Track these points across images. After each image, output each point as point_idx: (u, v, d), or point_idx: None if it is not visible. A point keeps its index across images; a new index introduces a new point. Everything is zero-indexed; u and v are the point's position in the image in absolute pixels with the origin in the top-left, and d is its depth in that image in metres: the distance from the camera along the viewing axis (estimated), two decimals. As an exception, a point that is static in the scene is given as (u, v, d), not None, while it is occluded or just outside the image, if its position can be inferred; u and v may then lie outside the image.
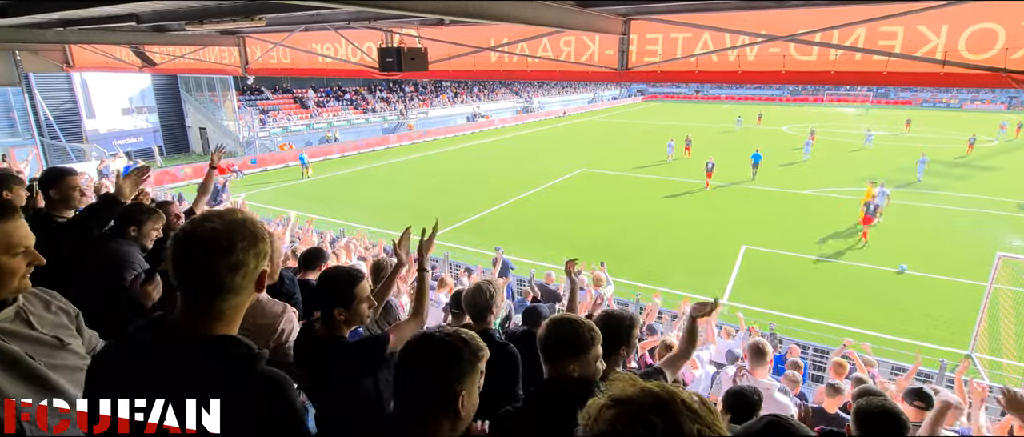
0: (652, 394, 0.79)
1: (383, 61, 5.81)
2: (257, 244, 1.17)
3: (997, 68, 3.89)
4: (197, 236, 1.13)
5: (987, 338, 9.44)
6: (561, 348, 1.76)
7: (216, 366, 1.12)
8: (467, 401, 1.32)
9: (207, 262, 1.13)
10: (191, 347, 1.13)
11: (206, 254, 1.13)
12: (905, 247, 14.08)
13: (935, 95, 58.82)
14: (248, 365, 1.15)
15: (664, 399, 0.78)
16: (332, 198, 20.87)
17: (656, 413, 0.76)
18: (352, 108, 38.03)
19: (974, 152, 29.17)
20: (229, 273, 1.14)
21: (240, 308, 1.20)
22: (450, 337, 1.33)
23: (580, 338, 1.75)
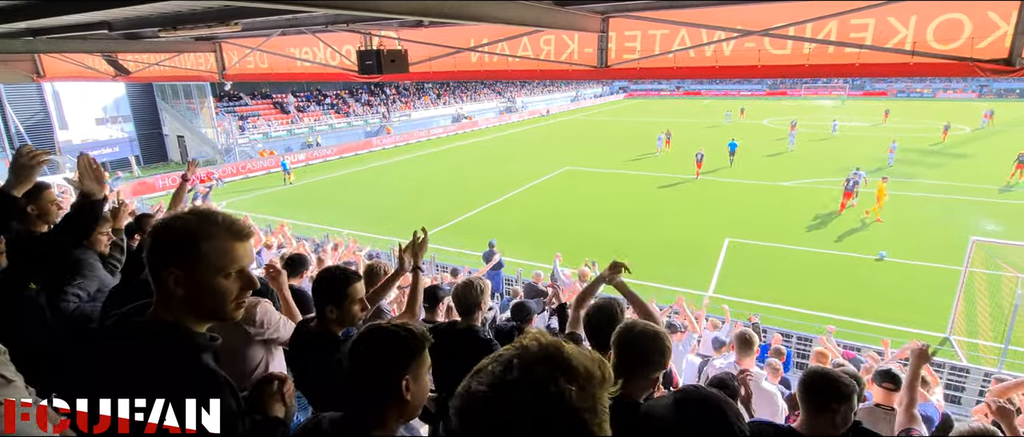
0: (535, 343, 0.81)
1: (363, 64, 5.78)
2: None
3: (964, 57, 4.00)
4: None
5: (964, 320, 9.69)
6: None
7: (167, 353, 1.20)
8: (413, 386, 1.36)
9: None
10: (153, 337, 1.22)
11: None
12: (884, 234, 14.39)
13: (909, 85, 60.18)
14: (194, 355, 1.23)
15: (537, 348, 0.79)
16: (315, 203, 20.66)
17: (520, 357, 0.78)
18: (333, 112, 37.67)
19: (949, 139, 30.02)
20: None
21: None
22: (395, 328, 1.40)
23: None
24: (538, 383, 0.75)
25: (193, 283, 1.21)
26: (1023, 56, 3.77)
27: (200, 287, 1.22)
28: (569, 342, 0.83)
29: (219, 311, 1.27)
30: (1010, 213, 16.44)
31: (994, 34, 3.89)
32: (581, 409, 0.75)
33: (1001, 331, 8.41)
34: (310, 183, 24.69)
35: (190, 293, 1.21)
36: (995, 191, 18.96)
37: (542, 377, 0.75)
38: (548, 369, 0.76)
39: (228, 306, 1.27)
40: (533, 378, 0.75)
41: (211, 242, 1.22)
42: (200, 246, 1.20)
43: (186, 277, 1.20)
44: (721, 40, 4.88)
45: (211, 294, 1.24)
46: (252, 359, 2.47)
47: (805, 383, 2.03)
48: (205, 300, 1.24)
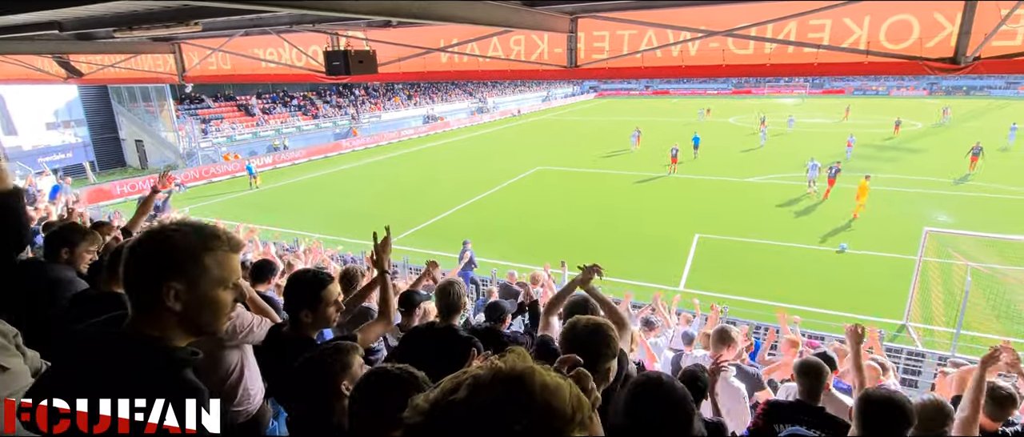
0: (512, 367, 0.73)
1: (330, 65, 5.67)
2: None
3: (914, 56, 4.19)
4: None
5: (920, 308, 10.15)
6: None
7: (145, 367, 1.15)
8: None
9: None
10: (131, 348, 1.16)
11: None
12: (844, 227, 14.96)
13: (865, 83, 62.72)
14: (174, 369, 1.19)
15: (513, 372, 0.72)
16: (283, 208, 20.19)
17: (496, 379, 0.71)
18: (301, 114, 36.87)
19: (901, 134, 31.54)
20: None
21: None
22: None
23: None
24: (506, 411, 0.68)
25: (194, 297, 1.17)
26: (967, 55, 3.97)
27: (200, 301, 1.18)
28: (538, 357, 0.79)
29: (213, 324, 1.24)
30: (962, 203, 17.31)
31: (941, 34, 4.09)
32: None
33: (953, 317, 8.84)
34: (277, 187, 24.11)
35: (188, 308, 1.17)
36: (949, 183, 19.93)
37: (503, 419, 0.68)
38: (517, 413, 0.68)
39: (222, 320, 1.25)
40: (508, 406, 0.68)
41: (214, 255, 1.19)
42: (204, 259, 1.17)
43: (187, 291, 1.16)
44: (687, 40, 4.98)
45: (210, 308, 1.21)
46: (227, 365, 2.41)
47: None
48: (202, 314, 1.20)
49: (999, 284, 10.60)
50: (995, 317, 9.60)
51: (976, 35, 3.93)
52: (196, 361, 1.22)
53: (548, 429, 0.68)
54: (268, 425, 2.73)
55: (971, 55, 3.97)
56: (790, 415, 2.66)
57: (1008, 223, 14.86)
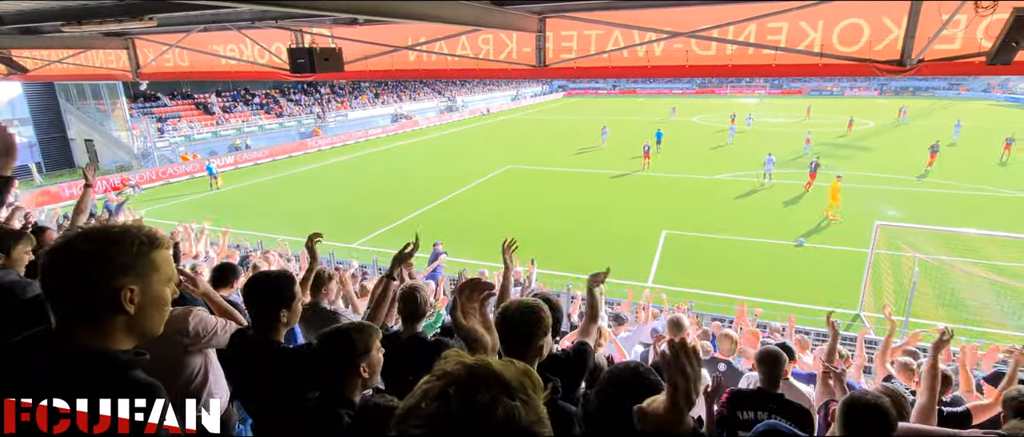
0: (462, 368, 0.75)
1: (294, 62, 5.55)
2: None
3: (864, 58, 4.40)
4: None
5: (872, 298, 10.66)
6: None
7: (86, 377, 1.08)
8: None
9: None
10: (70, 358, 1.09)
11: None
12: (802, 222, 15.56)
13: (820, 84, 65.33)
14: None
15: (467, 372, 0.74)
16: (246, 209, 19.59)
17: (456, 385, 0.72)
18: (263, 112, 35.84)
19: (854, 133, 33.12)
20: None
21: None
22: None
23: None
24: (485, 410, 0.69)
25: (147, 297, 1.14)
26: (912, 57, 4.19)
27: (152, 301, 1.15)
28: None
29: (159, 326, 1.20)
30: (913, 199, 18.25)
31: (888, 38, 4.30)
32: (533, 423, 0.72)
33: (903, 306, 9.33)
34: (240, 188, 23.39)
35: (141, 309, 1.13)
36: (901, 179, 20.97)
37: (487, 403, 0.70)
38: (489, 392, 0.71)
39: (166, 316, 1.21)
40: (478, 406, 0.69)
41: (161, 251, 1.16)
42: (153, 256, 1.14)
43: (142, 292, 1.12)
44: (652, 41, 5.09)
45: (159, 306, 1.18)
46: (189, 369, 2.33)
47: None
48: (153, 314, 1.17)
49: (945, 274, 11.24)
50: (941, 305, 10.18)
51: (920, 39, 4.16)
52: (143, 361, 1.17)
53: (533, 401, 0.73)
54: (234, 428, 2.67)
55: (916, 57, 4.20)
56: (752, 402, 2.77)
57: (957, 216, 15.76)
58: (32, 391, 1.04)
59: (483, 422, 0.69)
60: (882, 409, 1.95)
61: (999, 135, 27.13)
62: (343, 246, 11.63)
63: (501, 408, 0.70)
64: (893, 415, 1.96)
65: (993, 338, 8.71)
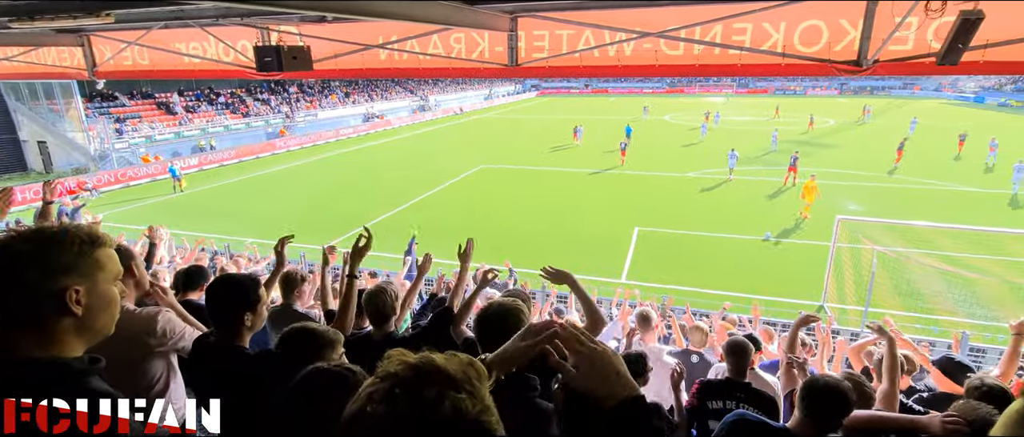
0: (406, 367, 0.76)
1: (261, 61, 5.42)
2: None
3: (824, 59, 4.56)
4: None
5: (835, 289, 11.07)
6: None
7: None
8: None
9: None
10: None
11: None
12: (769, 217, 16.02)
13: (784, 83, 67.38)
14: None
15: (412, 371, 0.75)
16: (212, 212, 19.03)
17: (401, 385, 0.73)
18: (229, 112, 34.84)
19: (815, 130, 34.45)
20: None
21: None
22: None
23: None
24: (431, 406, 0.70)
25: (94, 297, 1.10)
26: (868, 58, 4.37)
27: (100, 299, 1.11)
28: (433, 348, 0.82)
29: (111, 323, 1.16)
30: (875, 193, 19.01)
31: (846, 39, 4.48)
32: (480, 413, 0.73)
33: (863, 296, 9.72)
34: (205, 190, 22.70)
35: (89, 310, 1.09)
36: (865, 175, 21.80)
37: (433, 399, 0.70)
38: (434, 388, 0.72)
39: (116, 315, 1.16)
40: (424, 403, 0.70)
41: (105, 249, 1.12)
42: (97, 255, 1.10)
43: (88, 292, 1.08)
44: (622, 41, 5.17)
45: (109, 305, 1.14)
46: (152, 373, 2.26)
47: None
48: (102, 314, 1.12)
49: (902, 265, 11.76)
50: (897, 294, 10.65)
51: (875, 40, 4.34)
52: (99, 369, 1.13)
53: (478, 391, 0.74)
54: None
55: (871, 58, 4.38)
56: (720, 392, 2.85)
57: (914, 210, 16.49)
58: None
59: (431, 418, 0.69)
60: (839, 390, 2.03)
61: (950, 132, 28.62)
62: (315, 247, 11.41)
63: (448, 402, 0.70)
64: (851, 396, 2.04)
65: (944, 325, 9.17)
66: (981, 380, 2.76)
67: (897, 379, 2.76)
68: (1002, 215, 16.53)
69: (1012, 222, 15.66)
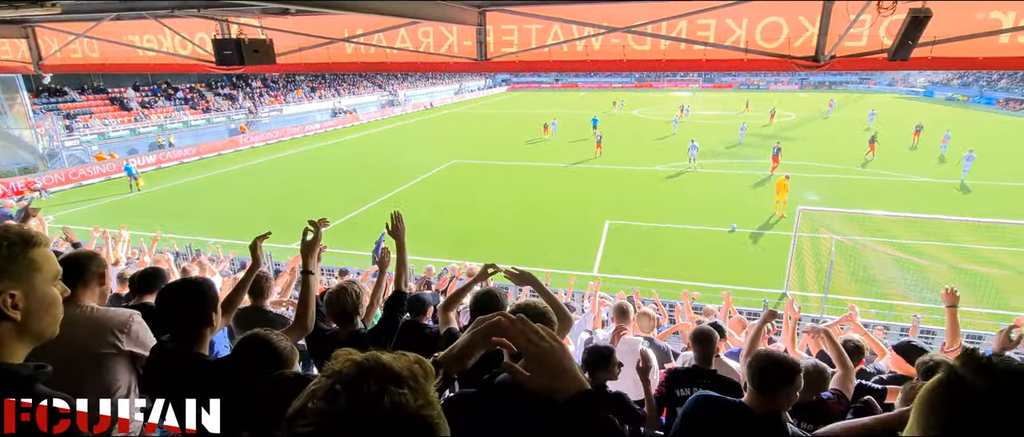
0: (350, 364, 0.77)
1: (220, 54, 5.24)
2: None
3: (784, 55, 4.70)
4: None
5: (797, 277, 11.48)
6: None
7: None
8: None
9: None
10: None
11: None
12: (734, 208, 16.47)
13: (748, 78, 69.14)
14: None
15: (355, 368, 0.76)
16: (172, 212, 18.35)
17: (343, 382, 0.74)
18: (188, 108, 33.58)
19: (777, 124, 35.64)
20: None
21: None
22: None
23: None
24: (371, 401, 0.71)
25: (32, 300, 1.06)
26: (825, 54, 4.53)
27: (39, 302, 1.08)
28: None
29: (54, 326, 1.12)
30: (835, 184, 19.74)
31: (804, 35, 4.63)
32: (421, 407, 0.74)
33: (823, 283, 10.11)
34: (164, 189, 21.86)
35: (28, 313, 1.06)
36: (821, 166, 22.60)
37: (373, 394, 0.72)
38: (376, 384, 0.73)
39: (59, 316, 1.13)
40: (365, 398, 0.71)
41: (39, 249, 1.09)
42: (32, 256, 1.06)
43: (25, 296, 1.05)
44: (590, 36, 5.21)
45: (50, 307, 1.10)
46: (116, 372, 2.15)
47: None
48: (43, 316, 1.09)
49: (858, 253, 12.28)
50: (854, 281, 11.12)
51: (832, 36, 4.50)
52: (45, 375, 1.09)
53: (421, 387, 0.76)
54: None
55: (828, 54, 4.54)
56: (688, 380, 2.93)
57: (871, 199, 17.21)
58: None
59: (370, 413, 0.71)
60: (783, 362, 2.13)
61: (903, 124, 30.07)
62: (281, 247, 11.14)
63: (388, 397, 0.72)
64: (789, 363, 2.14)
65: (897, 309, 9.64)
66: (931, 358, 2.93)
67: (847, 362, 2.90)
68: (953, 202, 17.45)
69: (961, 208, 16.54)
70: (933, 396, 0.80)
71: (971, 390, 0.74)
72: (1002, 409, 0.71)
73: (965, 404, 0.75)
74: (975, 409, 0.73)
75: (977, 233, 13.19)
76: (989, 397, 0.73)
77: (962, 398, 0.75)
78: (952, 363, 0.79)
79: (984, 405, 0.73)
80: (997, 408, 0.71)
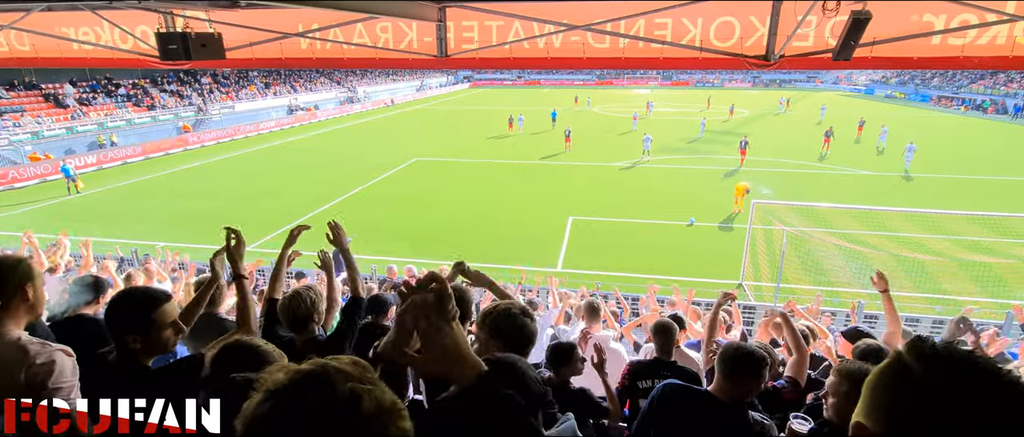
0: (302, 374, 0.79)
1: (165, 48, 4.98)
2: None
3: (736, 53, 4.86)
4: None
5: (751, 268, 11.92)
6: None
7: None
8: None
9: None
10: None
11: None
12: (693, 203, 16.95)
13: (704, 76, 71.29)
14: None
15: (316, 374, 0.78)
16: (115, 216, 17.35)
17: (310, 390, 0.76)
18: (131, 105, 31.79)
19: (734, 119, 37.25)
20: None
21: None
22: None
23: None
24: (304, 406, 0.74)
25: None
26: (775, 53, 4.70)
27: None
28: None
29: None
30: (789, 179, 20.59)
31: (755, 35, 4.79)
32: (348, 398, 0.76)
33: (775, 274, 10.54)
34: (107, 191, 20.66)
35: None
36: (775, 162, 23.53)
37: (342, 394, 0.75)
38: (312, 391, 0.76)
39: None
40: (297, 404, 0.75)
41: None
42: None
43: None
44: (551, 33, 5.23)
45: None
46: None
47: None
48: None
49: (808, 244, 12.86)
50: (804, 271, 11.65)
51: (780, 36, 4.68)
52: None
53: (358, 395, 0.77)
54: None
55: (778, 53, 4.72)
56: (650, 371, 2.99)
57: (819, 191, 18.04)
58: None
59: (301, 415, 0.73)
60: (752, 354, 2.23)
61: (848, 120, 31.82)
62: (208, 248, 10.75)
63: (348, 388, 0.76)
64: (765, 361, 2.23)
65: (843, 296, 10.15)
66: (866, 343, 3.11)
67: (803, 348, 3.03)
68: (897, 192, 18.51)
69: (904, 198, 17.59)
70: (879, 380, 0.82)
71: (913, 376, 0.77)
72: (940, 395, 0.74)
73: (906, 390, 0.77)
74: (915, 395, 0.76)
75: (913, 222, 14.05)
76: (929, 384, 0.75)
77: (904, 384, 0.78)
78: (899, 349, 0.82)
79: (923, 391, 0.75)
80: (935, 394, 0.74)
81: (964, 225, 13.44)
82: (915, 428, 0.75)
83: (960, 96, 47.26)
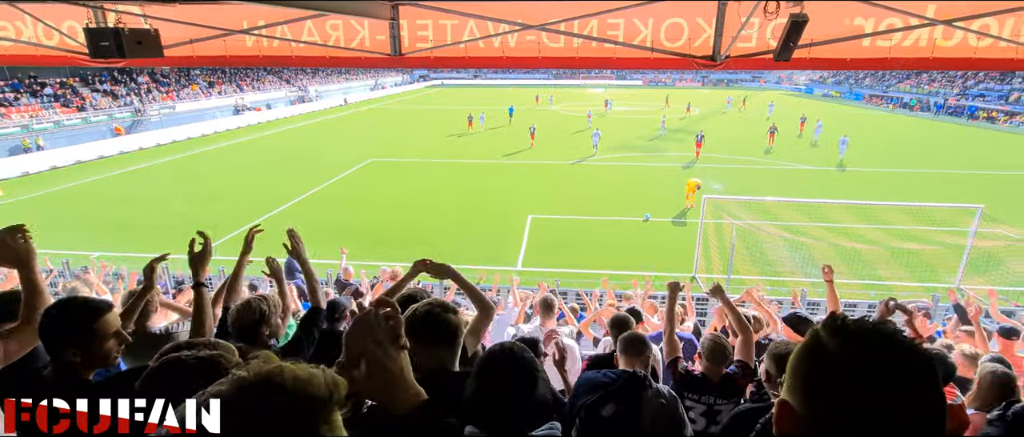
0: (255, 378, 0.79)
1: (95, 45, 4.65)
2: None
3: (685, 54, 5.01)
4: None
5: (704, 261, 12.36)
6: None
7: None
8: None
9: None
10: None
11: None
12: (647, 199, 17.39)
13: (656, 75, 73.38)
14: None
15: (254, 382, 0.79)
16: (42, 224, 16.12)
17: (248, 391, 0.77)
18: (59, 105, 29.63)
19: (690, 117, 38.80)
20: None
21: None
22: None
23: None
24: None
25: None
26: (721, 54, 4.88)
27: None
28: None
29: None
30: (737, 173, 21.42)
31: (703, 36, 4.95)
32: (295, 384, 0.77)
33: (726, 265, 10.97)
34: (33, 198, 19.19)
35: None
36: (724, 157, 24.45)
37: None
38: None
39: None
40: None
41: None
42: None
43: None
44: (505, 32, 5.23)
45: None
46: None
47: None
48: None
49: (755, 236, 13.44)
50: (753, 262, 12.17)
51: (726, 37, 4.86)
52: None
53: (307, 413, 0.76)
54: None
55: (724, 53, 4.90)
56: (607, 365, 3.04)
57: (765, 185, 18.88)
58: None
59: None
60: (723, 344, 2.33)
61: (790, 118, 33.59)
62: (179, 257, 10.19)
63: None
64: (730, 349, 2.37)
65: (788, 285, 10.68)
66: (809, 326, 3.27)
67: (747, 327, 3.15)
68: (833, 184, 19.64)
69: (839, 189, 18.68)
70: (797, 358, 0.86)
71: (826, 351, 0.81)
72: (848, 366, 0.77)
73: (820, 364, 0.81)
74: (828, 368, 0.79)
75: (850, 213, 14.94)
76: (838, 356, 0.79)
77: (819, 358, 0.81)
78: (816, 327, 0.86)
79: (834, 364, 0.79)
80: (844, 366, 0.77)
81: (896, 215, 14.40)
82: (830, 399, 0.78)
83: (889, 95, 50.82)
